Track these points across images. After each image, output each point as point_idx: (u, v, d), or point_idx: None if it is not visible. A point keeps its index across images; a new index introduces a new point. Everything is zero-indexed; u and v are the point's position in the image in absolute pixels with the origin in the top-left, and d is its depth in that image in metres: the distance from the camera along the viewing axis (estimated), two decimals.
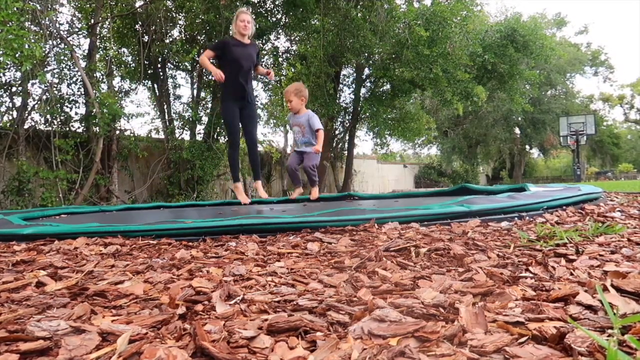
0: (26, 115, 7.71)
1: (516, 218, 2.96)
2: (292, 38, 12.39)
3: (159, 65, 9.94)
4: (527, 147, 31.21)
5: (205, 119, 10.34)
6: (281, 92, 14.30)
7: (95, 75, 8.35)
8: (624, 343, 0.85)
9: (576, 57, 28.25)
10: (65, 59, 7.90)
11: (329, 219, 2.74)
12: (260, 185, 4.83)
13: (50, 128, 7.82)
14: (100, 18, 8.66)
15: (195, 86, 10.57)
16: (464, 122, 25.25)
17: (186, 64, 10.05)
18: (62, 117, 8.09)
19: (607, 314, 1.00)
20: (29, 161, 7.43)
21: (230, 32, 4.97)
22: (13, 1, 5.28)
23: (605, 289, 1.19)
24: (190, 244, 2.39)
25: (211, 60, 4.76)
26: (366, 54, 12.53)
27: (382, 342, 0.89)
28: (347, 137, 15.40)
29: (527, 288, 1.29)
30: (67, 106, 8.18)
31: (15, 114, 7.69)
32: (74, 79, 8.26)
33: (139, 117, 10.84)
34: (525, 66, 16.72)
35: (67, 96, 8.22)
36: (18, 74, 7.40)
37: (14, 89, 7.68)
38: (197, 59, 9.87)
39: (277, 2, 10.98)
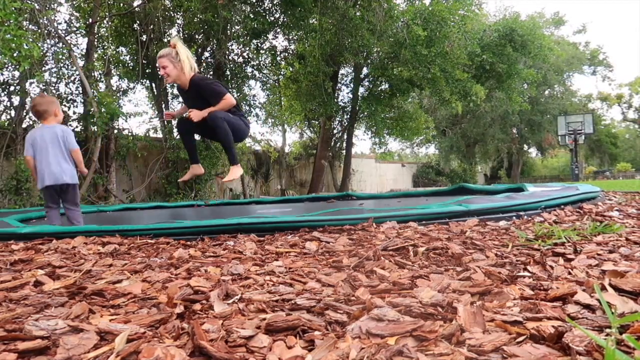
0: (24, 114, 7.69)
1: (514, 217, 2.96)
2: (290, 37, 12.39)
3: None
4: (525, 146, 31.26)
5: None
6: (280, 91, 14.30)
7: (93, 74, 8.33)
8: (622, 342, 0.85)
9: (574, 56, 28.27)
10: (63, 58, 7.88)
11: (327, 218, 2.74)
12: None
13: None
14: (98, 17, 8.64)
15: None
16: (462, 121, 25.27)
17: None
18: None
19: (605, 313, 1.00)
20: None
21: None
22: (11, 1, 5.26)
23: (603, 288, 1.19)
24: (189, 243, 2.39)
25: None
26: (364, 54, 12.53)
27: (380, 341, 0.89)
28: (345, 136, 15.41)
29: (525, 287, 1.29)
30: (65, 105, 8.17)
31: (13, 113, 7.68)
32: (72, 78, 8.25)
33: (137, 116, 10.81)
34: (523, 65, 16.73)
35: (65, 95, 8.21)
36: (16, 73, 7.38)
37: (12, 88, 7.67)
38: (195, 57, 9.88)
39: (275, 1, 10.97)
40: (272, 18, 10.96)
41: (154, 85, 10.19)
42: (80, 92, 8.21)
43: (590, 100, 34.66)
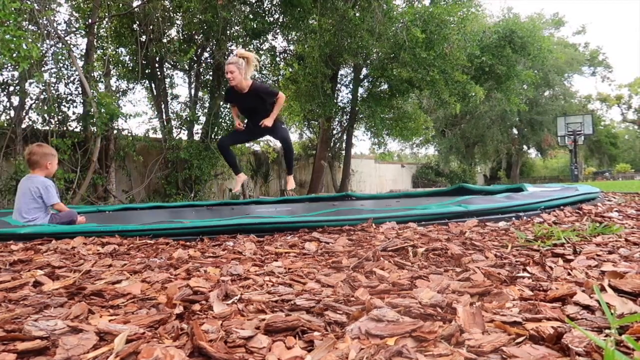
0: (24, 114, 7.69)
1: (514, 218, 2.97)
2: (290, 38, 12.39)
3: (156, 65, 9.93)
4: (525, 147, 31.26)
5: (202, 119, 10.35)
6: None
7: (92, 74, 8.33)
8: (622, 343, 0.85)
9: (574, 57, 28.26)
10: (63, 58, 7.88)
11: (326, 219, 2.74)
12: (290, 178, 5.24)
13: (47, 127, 7.80)
14: (97, 18, 8.64)
15: (192, 86, 10.56)
16: (461, 122, 25.28)
17: (184, 63, 10.03)
18: (59, 117, 8.06)
19: (604, 314, 1.00)
20: None
21: None
22: (10, 1, 5.26)
23: (602, 289, 1.20)
24: (188, 243, 2.38)
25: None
26: (363, 54, 12.52)
27: (379, 342, 0.89)
28: (344, 137, 15.40)
29: (524, 288, 1.30)
30: (64, 106, 8.16)
31: (12, 113, 7.67)
32: (72, 78, 8.24)
33: (137, 116, 10.81)
34: (522, 66, 16.72)
35: (64, 96, 8.20)
36: (15, 74, 7.38)
37: (11, 88, 7.67)
38: (194, 58, 9.89)
39: (274, 2, 10.97)
40: (272, 19, 10.96)
41: (153, 85, 10.18)
42: (80, 92, 8.20)
43: (589, 101, 34.68)
